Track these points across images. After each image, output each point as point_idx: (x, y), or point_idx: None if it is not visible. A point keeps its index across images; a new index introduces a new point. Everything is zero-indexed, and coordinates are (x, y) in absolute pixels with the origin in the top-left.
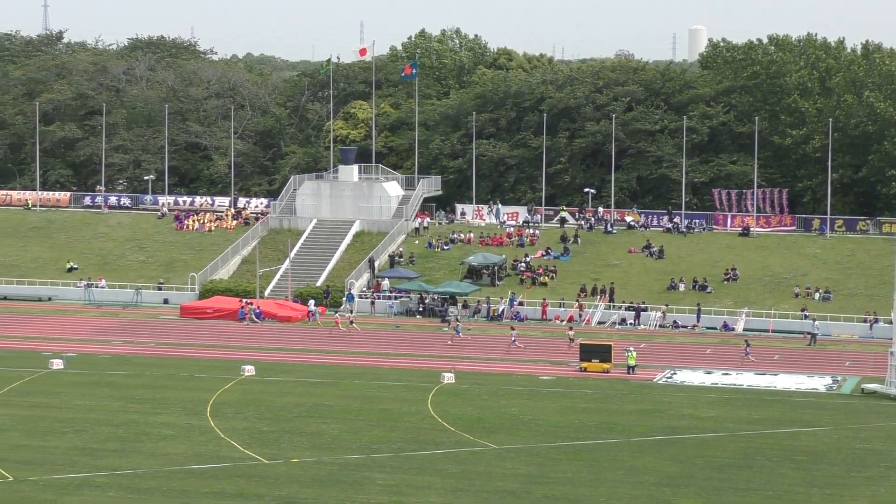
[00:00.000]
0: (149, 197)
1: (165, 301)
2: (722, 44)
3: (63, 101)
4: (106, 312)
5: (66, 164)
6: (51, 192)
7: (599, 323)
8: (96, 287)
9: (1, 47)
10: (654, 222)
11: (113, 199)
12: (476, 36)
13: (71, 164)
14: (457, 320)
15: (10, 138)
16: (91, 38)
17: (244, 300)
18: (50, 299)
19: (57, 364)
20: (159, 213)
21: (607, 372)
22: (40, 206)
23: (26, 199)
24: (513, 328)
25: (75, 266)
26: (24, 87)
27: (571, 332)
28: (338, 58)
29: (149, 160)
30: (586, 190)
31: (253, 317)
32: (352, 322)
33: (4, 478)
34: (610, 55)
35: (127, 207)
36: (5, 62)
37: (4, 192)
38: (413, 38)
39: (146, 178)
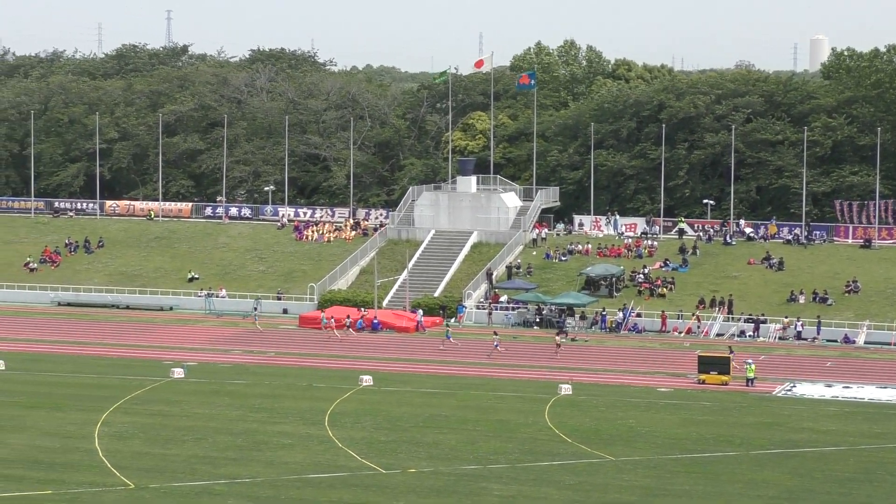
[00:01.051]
0: (269, 208)
1: (284, 311)
2: (846, 52)
3: (185, 112)
4: (226, 322)
5: (187, 175)
6: (173, 203)
7: (718, 335)
8: (217, 297)
9: (126, 60)
10: (778, 234)
11: (234, 210)
12: (591, 47)
13: (193, 175)
14: (447, 326)
15: (133, 149)
16: (213, 50)
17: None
18: (171, 308)
19: (178, 373)
20: (279, 224)
21: (726, 384)
22: (162, 216)
23: (149, 210)
24: (495, 332)
25: (196, 276)
26: (148, 99)
27: (559, 338)
28: (456, 69)
29: (269, 171)
30: (705, 201)
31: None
32: (348, 327)
33: (126, 485)
34: (730, 66)
35: (247, 218)
36: (130, 75)
37: (127, 202)
38: (529, 50)
39: (266, 189)
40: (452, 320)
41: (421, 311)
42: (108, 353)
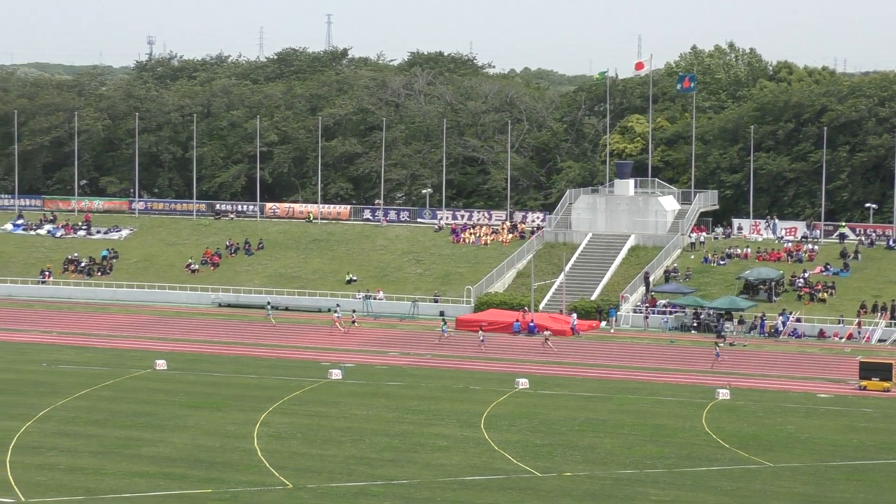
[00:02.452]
0: (427, 210)
1: (441, 314)
2: None
3: (344, 116)
4: (383, 324)
5: (346, 177)
6: (331, 206)
7: (880, 341)
8: (374, 299)
9: (287, 63)
10: None
11: (391, 213)
12: (751, 50)
13: (351, 178)
14: (443, 321)
15: (293, 152)
16: (373, 53)
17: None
18: (329, 310)
19: (336, 374)
20: (436, 227)
21: (887, 391)
22: (321, 218)
23: (308, 212)
24: (481, 328)
25: (354, 278)
26: (308, 103)
27: (546, 333)
28: (615, 72)
29: (426, 174)
30: (867, 205)
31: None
32: (353, 322)
33: (284, 485)
34: (894, 68)
35: (405, 221)
36: (291, 78)
37: (287, 204)
38: (688, 53)
39: (424, 191)
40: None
41: (575, 315)
42: (268, 354)
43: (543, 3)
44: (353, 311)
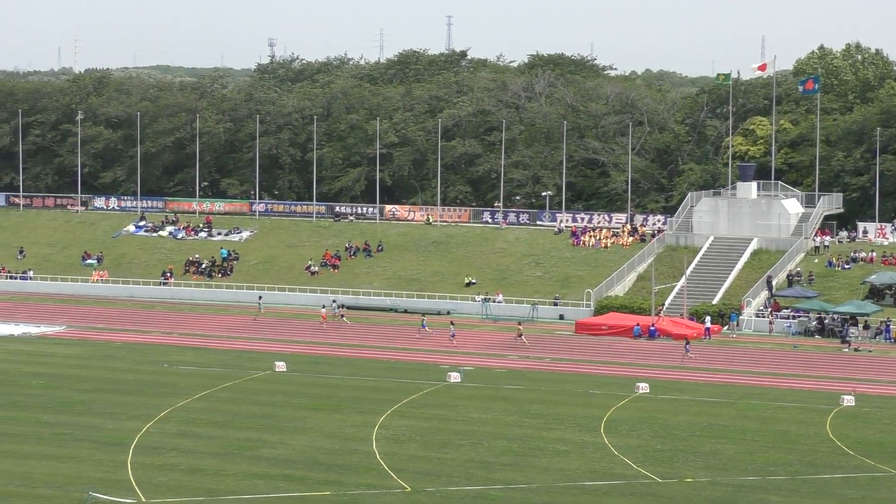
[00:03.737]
0: (546, 213)
1: (561, 317)
2: None
3: (464, 117)
4: (502, 327)
5: (465, 179)
6: (451, 208)
7: None
8: (493, 302)
9: (406, 65)
10: None
11: (511, 216)
12: (877, 51)
13: (470, 180)
14: (422, 315)
15: (413, 154)
16: (492, 55)
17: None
18: (448, 313)
19: (454, 377)
20: (556, 229)
21: None
22: (440, 221)
23: (427, 215)
24: (452, 322)
25: (473, 280)
26: (427, 105)
27: (521, 327)
28: (737, 73)
29: (547, 176)
30: None
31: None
32: (342, 317)
33: (403, 488)
34: None
35: (524, 223)
36: (410, 80)
37: (407, 207)
38: (815, 53)
39: (543, 194)
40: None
41: (709, 318)
42: (386, 357)
43: (665, 4)
44: (342, 307)
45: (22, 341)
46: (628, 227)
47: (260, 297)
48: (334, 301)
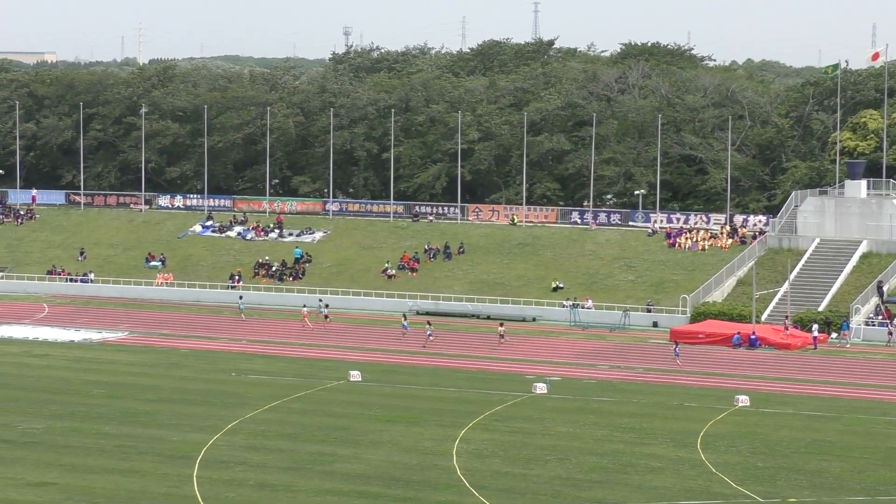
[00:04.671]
0: (639, 213)
1: (654, 324)
2: None
3: (551, 110)
4: (592, 335)
5: (552, 177)
6: (537, 207)
7: None
8: (582, 308)
9: (490, 55)
10: None
11: (601, 216)
12: None
13: (558, 178)
14: (404, 316)
15: (496, 150)
16: (582, 44)
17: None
18: (534, 319)
19: (540, 388)
20: (650, 230)
21: None
22: (526, 221)
23: (512, 214)
24: (429, 322)
25: (561, 285)
26: (512, 97)
27: (502, 329)
28: (846, 63)
29: (640, 173)
30: None
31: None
32: (326, 317)
33: None
34: None
35: (616, 224)
36: (494, 71)
37: (491, 206)
38: None
39: (636, 192)
40: (408, 309)
41: (816, 326)
42: (468, 366)
43: None
44: (326, 306)
45: (82, 348)
46: (727, 228)
47: (241, 297)
48: (321, 300)
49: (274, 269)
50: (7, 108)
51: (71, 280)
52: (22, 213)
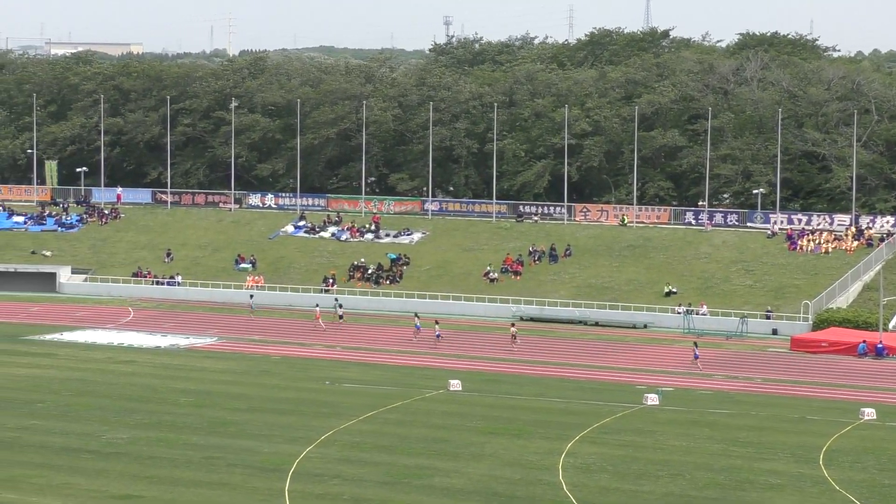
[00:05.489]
0: (758, 213)
1: (774, 332)
2: None
3: (665, 104)
4: (707, 342)
5: (665, 175)
6: (649, 207)
7: None
8: (697, 314)
9: (599, 46)
10: None
11: (718, 216)
12: None
13: (671, 176)
14: (416, 315)
15: (605, 146)
16: (697, 34)
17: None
18: (645, 326)
19: (652, 399)
20: (769, 232)
21: None
22: (637, 222)
23: (622, 215)
24: (437, 322)
25: (674, 290)
26: (623, 90)
27: (513, 329)
28: None
29: (759, 171)
30: None
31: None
32: (341, 317)
33: None
34: None
35: (733, 225)
36: (604, 62)
37: (599, 206)
38: None
39: (755, 191)
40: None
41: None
42: (575, 375)
43: None
44: (341, 306)
45: (169, 354)
46: (852, 229)
47: (252, 297)
48: (336, 299)
49: (370, 272)
50: (92, 102)
51: (157, 283)
52: (106, 212)
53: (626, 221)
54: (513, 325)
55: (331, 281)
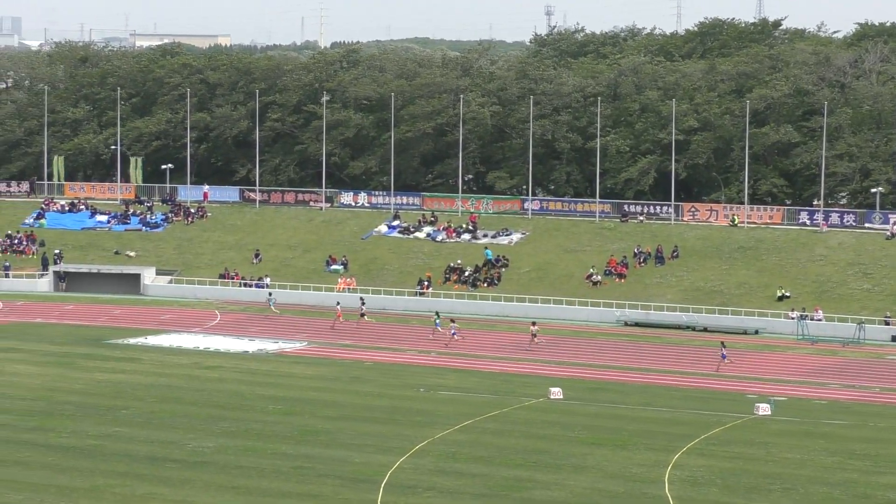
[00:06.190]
0: (877, 213)
1: (893, 338)
2: None
3: (778, 98)
4: (822, 350)
5: (779, 172)
6: (760, 206)
7: None
8: (811, 319)
9: (709, 37)
10: None
11: (834, 216)
12: None
13: (785, 174)
14: (436, 314)
15: (715, 142)
16: (812, 24)
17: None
18: (757, 332)
19: (763, 409)
20: (888, 233)
21: None
22: (748, 222)
23: (733, 214)
24: (452, 321)
25: (787, 294)
26: (734, 83)
27: (535, 328)
28: None
29: (878, 169)
30: None
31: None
32: (363, 315)
33: None
34: None
35: (850, 226)
36: (714, 54)
37: (708, 205)
38: None
39: (873, 190)
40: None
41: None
42: (682, 383)
43: None
44: (363, 304)
45: (257, 359)
46: None
47: (270, 294)
48: (361, 298)
49: (467, 274)
50: (178, 96)
51: (245, 284)
52: (192, 211)
53: (736, 221)
54: (533, 323)
55: (426, 284)
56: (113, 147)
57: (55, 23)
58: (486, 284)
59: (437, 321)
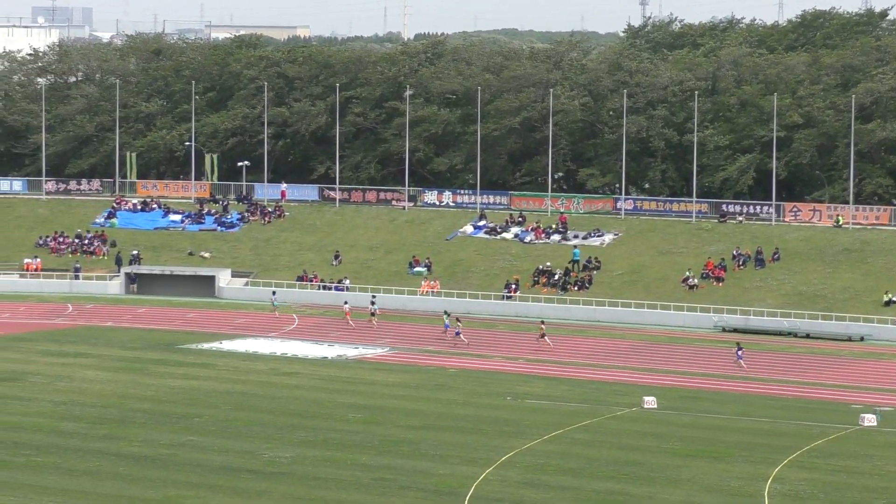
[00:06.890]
0: None
1: (445, 312)
2: None
3: (885, 92)
4: None
5: (886, 171)
6: (867, 207)
7: None
8: None
9: (813, 28)
10: None
11: None
12: None
13: (892, 172)
14: (445, 314)
15: (818, 139)
16: None
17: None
18: (862, 339)
19: (869, 420)
20: None
21: None
22: (853, 223)
23: (837, 215)
24: (458, 320)
25: (894, 299)
26: (839, 76)
27: (543, 327)
28: None
29: None
30: None
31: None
32: (373, 314)
33: None
34: None
35: None
36: (818, 46)
37: (811, 205)
38: None
39: None
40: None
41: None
42: (783, 393)
43: None
44: (373, 304)
45: (337, 366)
46: None
47: (274, 293)
48: (373, 296)
49: (556, 276)
50: (255, 90)
51: (324, 287)
52: (270, 210)
53: (841, 222)
54: (542, 322)
55: (513, 287)
56: (187, 143)
57: (127, 14)
58: (576, 288)
59: (447, 321)
